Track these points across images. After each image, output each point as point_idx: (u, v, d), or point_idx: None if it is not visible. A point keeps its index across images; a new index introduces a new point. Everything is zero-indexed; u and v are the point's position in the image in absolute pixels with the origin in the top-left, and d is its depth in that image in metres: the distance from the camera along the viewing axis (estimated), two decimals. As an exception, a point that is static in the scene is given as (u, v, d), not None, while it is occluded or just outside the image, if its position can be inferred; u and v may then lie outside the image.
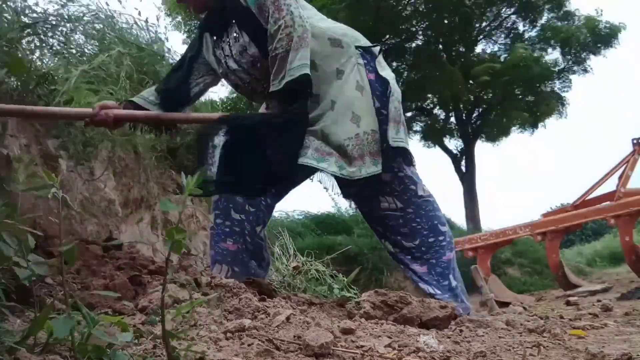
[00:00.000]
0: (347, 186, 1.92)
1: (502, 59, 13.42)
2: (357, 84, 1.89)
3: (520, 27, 14.21)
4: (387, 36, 13.51)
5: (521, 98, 13.74)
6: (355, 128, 1.84)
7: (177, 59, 3.57)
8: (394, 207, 1.97)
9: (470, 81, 13.56)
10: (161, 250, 2.94)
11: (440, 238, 2.01)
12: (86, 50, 2.75)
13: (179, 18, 14.12)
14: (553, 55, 13.64)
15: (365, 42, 2.02)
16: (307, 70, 1.77)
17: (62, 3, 2.41)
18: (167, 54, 3.45)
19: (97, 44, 2.79)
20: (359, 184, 1.85)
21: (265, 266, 2.15)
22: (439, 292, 1.95)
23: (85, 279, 1.53)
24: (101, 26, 2.85)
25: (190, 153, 3.58)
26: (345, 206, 2.31)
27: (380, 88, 1.94)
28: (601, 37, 12.81)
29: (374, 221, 2.06)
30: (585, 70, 13.67)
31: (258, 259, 2.10)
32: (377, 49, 2.04)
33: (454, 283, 2.00)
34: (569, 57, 13.54)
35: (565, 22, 13.49)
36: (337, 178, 1.87)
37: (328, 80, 1.89)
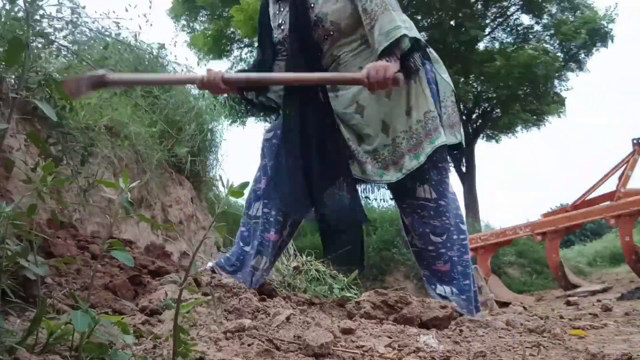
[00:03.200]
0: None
1: (508, 56, 13.36)
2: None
3: (526, 22, 14.12)
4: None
5: (524, 97, 13.70)
6: (408, 120, 1.91)
7: (181, 66, 3.58)
8: (429, 197, 1.97)
9: (472, 76, 13.51)
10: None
11: (462, 237, 2.02)
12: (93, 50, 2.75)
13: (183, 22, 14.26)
14: (554, 51, 13.58)
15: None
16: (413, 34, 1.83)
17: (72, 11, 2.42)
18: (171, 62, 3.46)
19: (103, 49, 2.79)
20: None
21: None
22: (456, 290, 1.95)
23: (86, 278, 1.53)
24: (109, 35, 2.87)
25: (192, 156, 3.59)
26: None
27: (426, 76, 1.97)
28: (595, 34, 12.78)
29: (407, 211, 2.03)
30: (582, 69, 13.63)
31: (277, 257, 2.10)
32: (430, 50, 2.08)
33: (473, 285, 2.00)
34: (567, 55, 13.50)
35: (571, 14, 13.44)
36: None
37: None
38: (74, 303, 1.02)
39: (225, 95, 2.11)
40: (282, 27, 2.03)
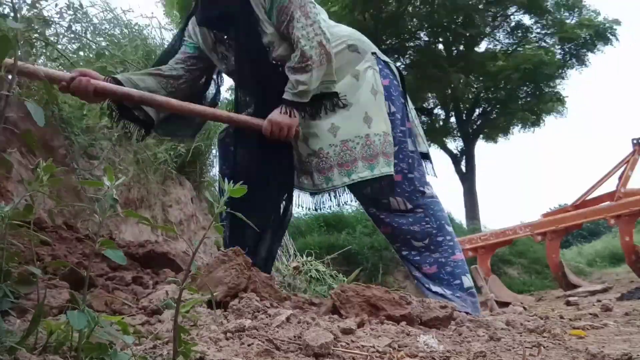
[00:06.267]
0: (360, 187, 1.96)
1: (509, 56, 13.36)
2: (372, 87, 1.98)
3: (526, 22, 14.09)
4: (388, 37, 13.50)
5: (523, 97, 13.71)
6: (367, 128, 1.93)
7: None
8: (404, 208, 1.99)
9: (473, 76, 13.52)
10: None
11: (448, 237, 2.03)
12: (93, 46, 2.75)
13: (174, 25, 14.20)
14: (554, 50, 13.58)
15: (376, 49, 2.09)
16: (334, 88, 1.90)
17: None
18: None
19: (106, 42, 2.79)
20: (371, 184, 1.93)
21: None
22: (449, 291, 1.95)
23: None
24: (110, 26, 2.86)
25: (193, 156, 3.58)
26: (348, 204, 2.34)
27: (394, 93, 2.04)
28: (598, 34, 12.79)
29: (385, 222, 2.04)
30: (584, 64, 13.59)
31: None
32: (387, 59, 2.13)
33: (467, 283, 1.99)
34: (567, 53, 13.50)
35: (569, 14, 13.45)
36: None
37: (345, 82, 1.96)
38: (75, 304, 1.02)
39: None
40: (224, 54, 1.97)
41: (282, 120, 1.83)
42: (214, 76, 2.15)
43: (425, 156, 2.14)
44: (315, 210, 2.11)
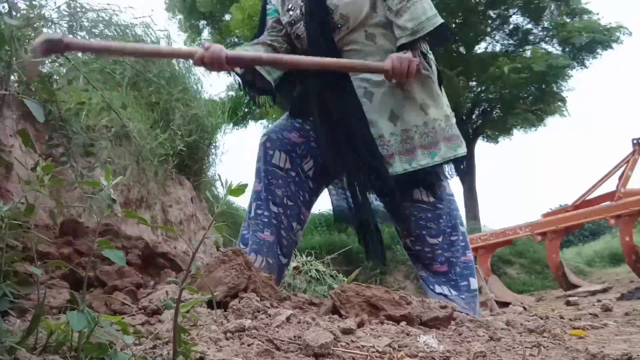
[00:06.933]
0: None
1: (513, 58, 13.34)
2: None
3: (525, 25, 14.07)
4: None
5: (525, 97, 13.69)
6: (424, 116, 1.92)
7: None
8: (426, 200, 1.97)
9: (474, 80, 13.48)
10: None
11: (461, 238, 2.01)
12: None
13: (180, 17, 14.24)
14: (555, 52, 13.58)
15: None
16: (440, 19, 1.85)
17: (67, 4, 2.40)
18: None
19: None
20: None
21: (286, 266, 2.15)
22: (454, 292, 1.94)
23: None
24: (105, 26, 2.85)
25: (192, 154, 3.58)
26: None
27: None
28: (599, 39, 12.77)
29: (401, 215, 2.01)
30: (584, 65, 13.58)
31: (286, 256, 2.09)
32: None
33: (473, 285, 1.98)
34: (569, 55, 13.49)
35: (570, 19, 13.44)
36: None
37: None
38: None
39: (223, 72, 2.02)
40: (290, 12, 2.00)
41: (405, 55, 1.80)
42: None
43: None
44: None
